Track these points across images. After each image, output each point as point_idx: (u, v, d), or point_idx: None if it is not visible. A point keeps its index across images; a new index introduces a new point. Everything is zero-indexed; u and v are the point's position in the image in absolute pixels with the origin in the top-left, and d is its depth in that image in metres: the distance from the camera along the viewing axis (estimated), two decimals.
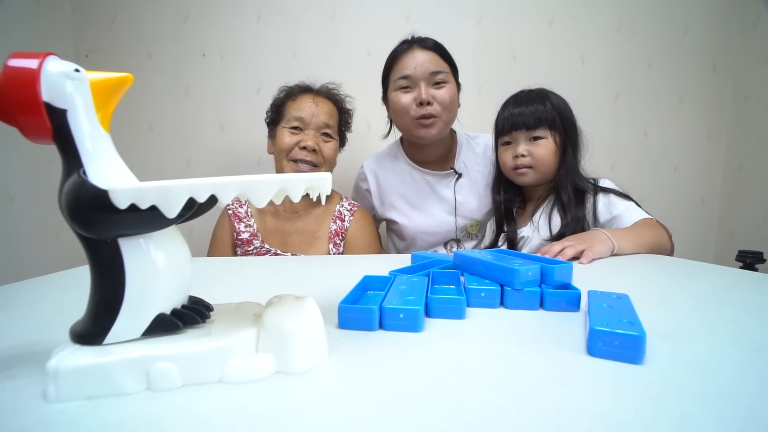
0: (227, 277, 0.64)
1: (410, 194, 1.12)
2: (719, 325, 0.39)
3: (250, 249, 1.02)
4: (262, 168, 1.46)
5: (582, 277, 0.57)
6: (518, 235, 0.94)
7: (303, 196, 0.30)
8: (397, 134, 1.14)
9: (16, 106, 0.26)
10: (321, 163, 1.04)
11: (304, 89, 1.08)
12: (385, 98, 1.09)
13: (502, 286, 0.45)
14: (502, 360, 0.32)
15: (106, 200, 0.26)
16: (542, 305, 0.44)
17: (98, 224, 0.27)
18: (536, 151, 0.89)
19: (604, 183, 0.92)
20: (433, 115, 0.99)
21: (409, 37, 1.03)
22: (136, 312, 0.28)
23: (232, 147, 1.48)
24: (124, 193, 0.26)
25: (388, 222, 1.16)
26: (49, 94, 0.26)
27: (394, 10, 1.41)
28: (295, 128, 1.03)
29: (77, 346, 0.28)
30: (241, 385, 0.27)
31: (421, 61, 0.99)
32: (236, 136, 1.47)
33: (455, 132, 1.15)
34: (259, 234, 1.03)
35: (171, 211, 0.27)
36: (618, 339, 0.31)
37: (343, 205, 1.08)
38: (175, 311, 0.30)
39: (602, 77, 1.45)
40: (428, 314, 0.41)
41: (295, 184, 0.29)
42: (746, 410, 0.25)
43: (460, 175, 1.10)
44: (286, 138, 1.02)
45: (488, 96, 1.33)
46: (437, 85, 1.00)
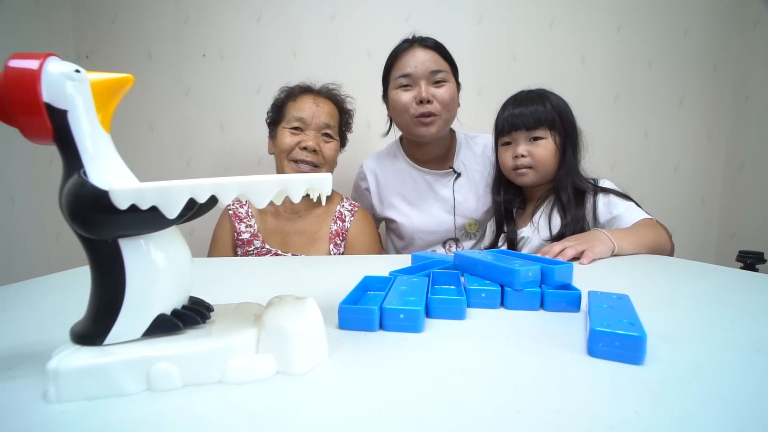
0: (227, 278, 0.64)
1: (409, 193, 1.12)
2: (720, 325, 0.39)
3: (250, 249, 1.02)
4: (263, 168, 1.46)
5: (582, 278, 0.57)
6: (518, 236, 0.94)
7: (303, 197, 0.30)
8: (397, 133, 1.14)
9: (16, 107, 0.26)
10: (322, 164, 1.04)
11: (305, 90, 1.08)
12: (386, 97, 1.09)
13: (502, 287, 0.45)
14: (502, 360, 0.32)
15: (106, 201, 0.26)
16: (542, 306, 0.44)
17: (98, 225, 0.27)
18: (536, 152, 0.89)
19: (604, 183, 0.92)
20: (433, 114, 1.00)
21: (410, 37, 1.03)
22: (136, 312, 0.28)
23: (232, 147, 1.48)
24: (125, 193, 0.26)
25: (387, 221, 1.16)
26: (50, 95, 0.26)
27: (395, 11, 1.41)
28: (295, 129, 1.03)
29: (77, 347, 0.28)
30: (242, 386, 0.27)
31: (421, 59, 0.99)
32: (236, 136, 1.47)
33: (454, 132, 1.15)
34: (259, 234, 1.03)
35: (171, 212, 0.27)
36: (618, 339, 0.31)
37: (344, 206, 1.08)
38: (175, 312, 0.30)
39: (602, 77, 1.45)
40: (428, 315, 0.41)
41: (296, 185, 0.29)
42: (747, 411, 0.25)
43: (459, 175, 1.10)
44: (287, 138, 1.02)
45: (488, 96, 1.34)
46: (437, 83, 1.00)
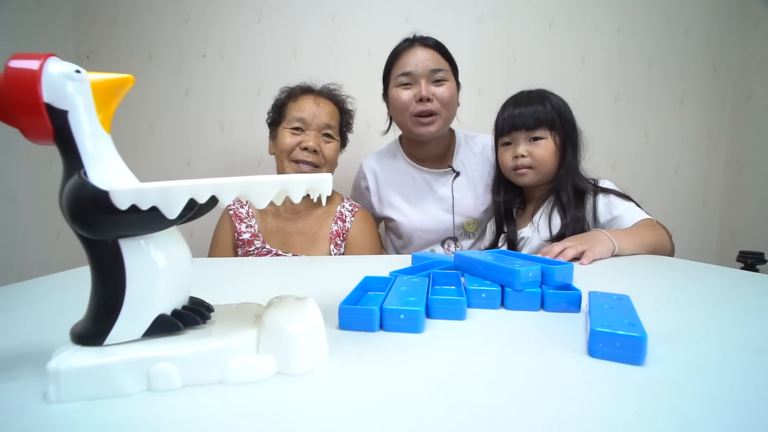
0: (228, 278, 0.64)
1: (408, 192, 1.12)
2: (720, 326, 0.39)
3: (251, 249, 1.02)
4: (263, 169, 1.46)
5: (582, 278, 0.57)
6: (518, 236, 0.94)
7: (304, 197, 0.30)
8: (396, 132, 1.15)
9: (17, 107, 0.26)
10: (322, 164, 1.04)
11: (306, 90, 1.08)
12: (386, 95, 1.10)
13: (502, 287, 0.45)
14: (502, 361, 0.32)
15: (106, 201, 0.26)
16: (543, 306, 0.44)
17: (99, 225, 0.27)
18: (536, 152, 0.89)
19: (604, 184, 0.91)
20: (433, 112, 1.00)
21: (411, 36, 1.04)
22: (136, 313, 0.28)
23: (232, 148, 1.48)
24: (125, 193, 0.26)
25: (386, 220, 1.17)
26: (50, 95, 0.26)
27: (395, 11, 1.41)
28: (296, 129, 1.03)
29: (78, 347, 0.28)
30: (242, 386, 0.27)
31: (422, 58, 0.99)
32: (237, 136, 1.47)
33: (454, 131, 1.15)
34: (260, 234, 1.03)
35: (172, 212, 0.27)
36: (619, 340, 0.31)
37: (344, 206, 1.08)
38: (175, 312, 0.30)
39: (603, 78, 1.45)
40: (429, 315, 0.41)
41: (296, 185, 0.29)
42: (747, 411, 0.24)
43: (458, 174, 1.10)
44: (288, 139, 1.02)
45: (489, 96, 1.34)
46: (437, 82, 1.00)
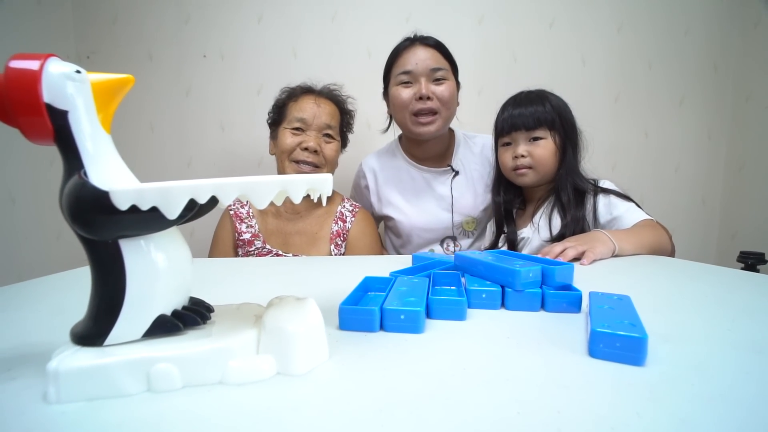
0: (228, 278, 0.64)
1: (407, 190, 1.13)
2: (721, 326, 0.39)
3: (251, 249, 1.01)
4: (263, 169, 1.46)
5: (583, 279, 0.57)
6: (518, 236, 0.94)
7: (304, 197, 0.30)
8: (396, 131, 1.15)
9: (17, 108, 0.26)
10: (322, 164, 1.04)
11: (306, 90, 1.08)
12: (386, 94, 1.10)
13: (503, 288, 0.45)
14: (503, 361, 0.31)
15: (106, 201, 0.26)
16: (543, 306, 0.44)
17: (99, 225, 0.27)
18: (536, 152, 0.89)
19: (605, 184, 0.91)
20: (433, 111, 1.01)
21: (412, 35, 1.04)
22: (136, 313, 0.28)
23: (233, 148, 1.48)
24: (125, 194, 0.26)
25: (385, 219, 1.17)
26: (51, 96, 0.26)
27: (395, 11, 1.41)
28: (296, 129, 1.03)
29: (78, 348, 0.28)
30: (242, 387, 0.27)
31: (422, 57, 1.00)
32: (237, 136, 1.47)
33: (453, 131, 1.16)
34: (260, 234, 1.03)
35: (172, 213, 0.26)
36: (619, 340, 0.31)
37: (345, 206, 1.08)
38: (175, 312, 0.30)
39: (603, 78, 1.45)
40: (429, 315, 0.41)
41: (296, 186, 0.29)
42: (748, 412, 0.24)
43: (457, 173, 1.11)
44: (288, 139, 1.02)
45: (489, 96, 1.33)
46: (437, 81, 1.01)
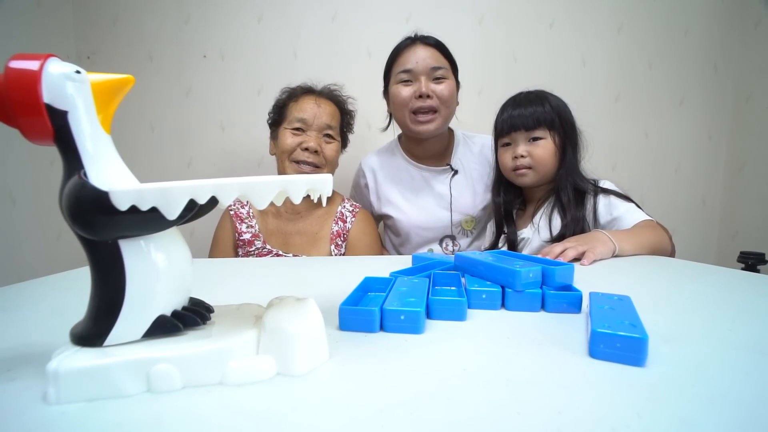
0: (228, 279, 0.64)
1: (406, 188, 1.13)
2: (721, 326, 0.39)
3: (251, 250, 1.01)
4: (263, 169, 1.46)
5: (583, 279, 0.57)
6: (518, 237, 0.94)
7: (304, 198, 0.30)
8: (396, 131, 1.15)
9: (17, 108, 0.26)
10: (323, 164, 1.04)
11: (307, 90, 1.08)
12: (386, 92, 1.10)
13: (503, 288, 0.45)
14: (503, 362, 0.31)
15: (106, 202, 0.26)
16: (543, 307, 0.44)
17: (99, 226, 0.27)
18: (535, 152, 0.89)
19: (605, 184, 0.91)
20: (433, 109, 1.01)
21: (413, 35, 1.05)
22: (136, 313, 0.28)
23: (233, 148, 1.48)
24: (125, 194, 0.26)
25: (384, 217, 1.17)
26: (50, 96, 0.26)
27: (395, 12, 1.42)
28: (297, 129, 1.03)
29: (77, 348, 0.28)
30: (242, 387, 0.27)
31: (422, 56, 1.01)
32: (237, 137, 1.47)
33: (453, 130, 1.16)
34: (260, 235, 1.03)
35: (171, 213, 0.26)
36: (620, 341, 0.31)
37: (345, 206, 1.08)
38: (175, 313, 0.30)
39: (603, 78, 1.45)
40: (429, 316, 0.41)
41: (296, 186, 0.29)
42: (748, 412, 0.24)
43: (456, 172, 1.11)
44: (288, 139, 1.02)
45: (489, 97, 1.34)
46: (437, 80, 1.02)
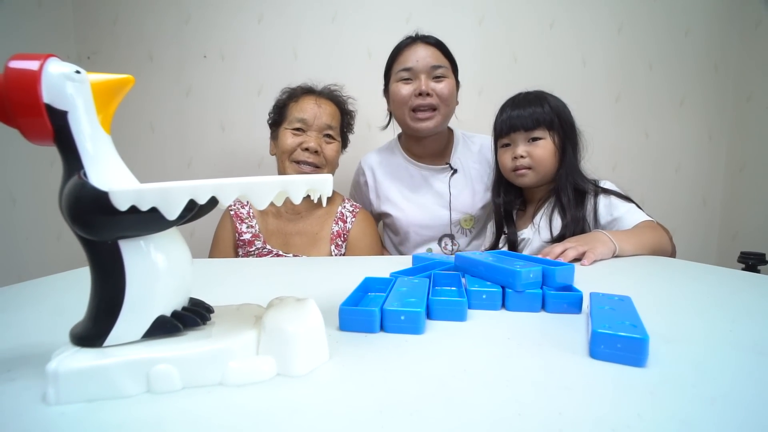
0: (228, 279, 0.64)
1: (405, 186, 1.13)
2: (722, 327, 0.39)
3: (252, 250, 1.01)
4: (264, 169, 1.46)
5: (583, 279, 0.56)
6: (519, 237, 0.93)
7: (304, 198, 0.30)
8: (396, 130, 1.15)
9: (16, 108, 0.26)
10: (323, 165, 1.04)
11: (307, 90, 1.08)
12: (387, 91, 1.11)
13: (503, 288, 0.45)
14: (503, 362, 0.31)
15: (106, 202, 0.26)
16: (544, 307, 0.44)
17: (98, 226, 0.27)
18: (535, 152, 0.89)
19: (605, 184, 0.91)
20: (432, 107, 1.02)
21: (414, 34, 1.05)
22: (136, 314, 0.28)
23: (233, 148, 1.48)
24: (125, 194, 0.26)
25: (383, 216, 1.17)
26: (50, 96, 0.26)
27: (395, 12, 1.41)
28: (297, 129, 1.03)
29: (77, 349, 0.28)
30: (242, 388, 0.27)
31: (423, 55, 1.01)
32: (237, 137, 1.47)
33: (452, 130, 1.16)
34: (261, 235, 1.03)
35: (171, 213, 0.26)
36: (620, 341, 0.31)
37: (345, 207, 1.08)
38: (175, 313, 0.30)
39: (603, 78, 1.45)
40: (429, 316, 0.41)
41: (296, 186, 0.29)
42: (749, 413, 0.24)
43: (456, 171, 1.11)
44: (289, 139, 1.02)
45: (489, 97, 1.33)
46: (437, 79, 1.02)
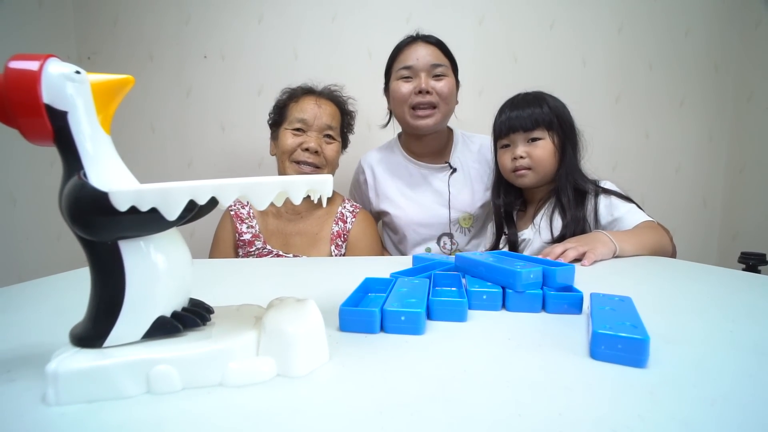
0: (228, 279, 0.64)
1: (404, 184, 1.14)
2: (723, 327, 0.39)
3: (252, 250, 1.01)
4: (264, 169, 1.46)
5: (584, 280, 0.56)
6: (519, 238, 0.93)
7: (304, 198, 0.30)
8: (396, 129, 1.15)
9: (16, 108, 0.26)
10: (323, 165, 1.04)
11: (307, 91, 1.08)
12: (387, 90, 1.11)
13: (503, 289, 0.45)
14: (503, 363, 0.31)
15: (106, 202, 0.26)
16: (544, 308, 0.44)
17: (98, 226, 0.27)
18: (534, 153, 0.89)
19: (605, 185, 0.91)
20: (432, 105, 1.02)
21: (414, 33, 1.06)
22: (136, 314, 0.28)
23: (233, 148, 1.48)
24: (125, 195, 0.26)
25: (382, 214, 1.17)
26: (50, 96, 0.26)
27: (395, 12, 1.41)
28: (297, 130, 1.03)
29: (77, 349, 0.28)
30: (242, 389, 0.27)
31: (423, 53, 1.02)
32: (238, 137, 1.47)
33: (452, 130, 1.16)
34: (261, 235, 1.03)
35: (171, 214, 0.26)
36: (621, 342, 0.31)
37: (345, 207, 1.08)
38: (175, 314, 0.30)
39: (603, 79, 1.44)
40: (429, 317, 0.41)
41: (296, 187, 0.29)
42: (750, 414, 0.24)
43: (455, 170, 1.11)
44: (289, 139, 1.03)
45: (490, 97, 1.33)
46: (437, 77, 1.03)
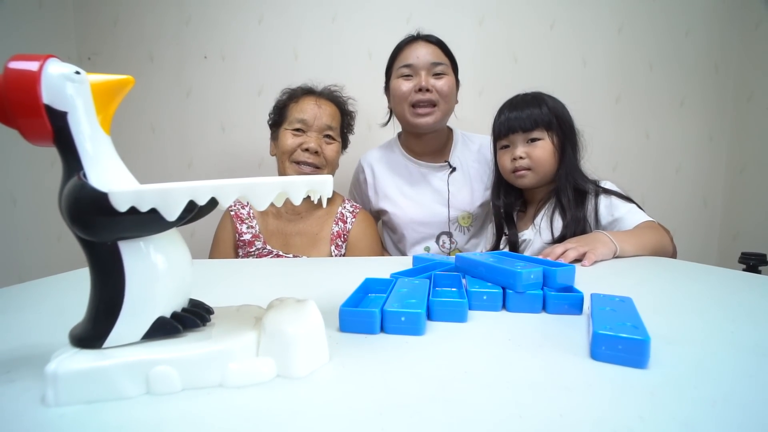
0: (228, 280, 0.64)
1: (403, 183, 1.14)
2: (723, 327, 0.39)
3: (252, 250, 1.01)
4: (264, 170, 1.46)
5: (584, 280, 0.56)
6: (520, 239, 0.93)
7: (304, 198, 0.30)
8: (396, 128, 1.15)
9: (16, 109, 0.26)
10: (323, 165, 1.04)
11: (307, 91, 1.08)
12: (387, 89, 1.11)
13: (504, 289, 0.45)
14: (504, 364, 0.31)
15: (105, 203, 0.26)
16: (544, 308, 0.44)
17: (98, 227, 0.27)
18: (534, 153, 0.89)
19: (605, 185, 0.91)
20: (432, 103, 1.03)
21: (415, 33, 1.06)
22: (135, 315, 0.28)
23: (233, 149, 1.48)
24: (124, 195, 0.26)
25: (381, 213, 1.17)
26: (50, 97, 0.26)
27: (396, 12, 1.41)
28: (297, 130, 1.03)
29: (76, 350, 0.28)
30: (242, 389, 0.27)
31: (423, 52, 1.03)
32: (238, 137, 1.47)
33: (452, 129, 1.17)
34: (261, 235, 1.03)
35: (171, 214, 0.26)
36: (622, 343, 0.30)
37: (345, 207, 1.08)
38: (175, 314, 0.30)
39: (604, 79, 1.44)
40: (430, 317, 0.41)
41: (296, 187, 0.29)
42: (751, 414, 0.24)
43: (454, 169, 1.11)
44: (289, 140, 1.03)
45: (490, 97, 1.33)
46: (437, 76, 1.03)
